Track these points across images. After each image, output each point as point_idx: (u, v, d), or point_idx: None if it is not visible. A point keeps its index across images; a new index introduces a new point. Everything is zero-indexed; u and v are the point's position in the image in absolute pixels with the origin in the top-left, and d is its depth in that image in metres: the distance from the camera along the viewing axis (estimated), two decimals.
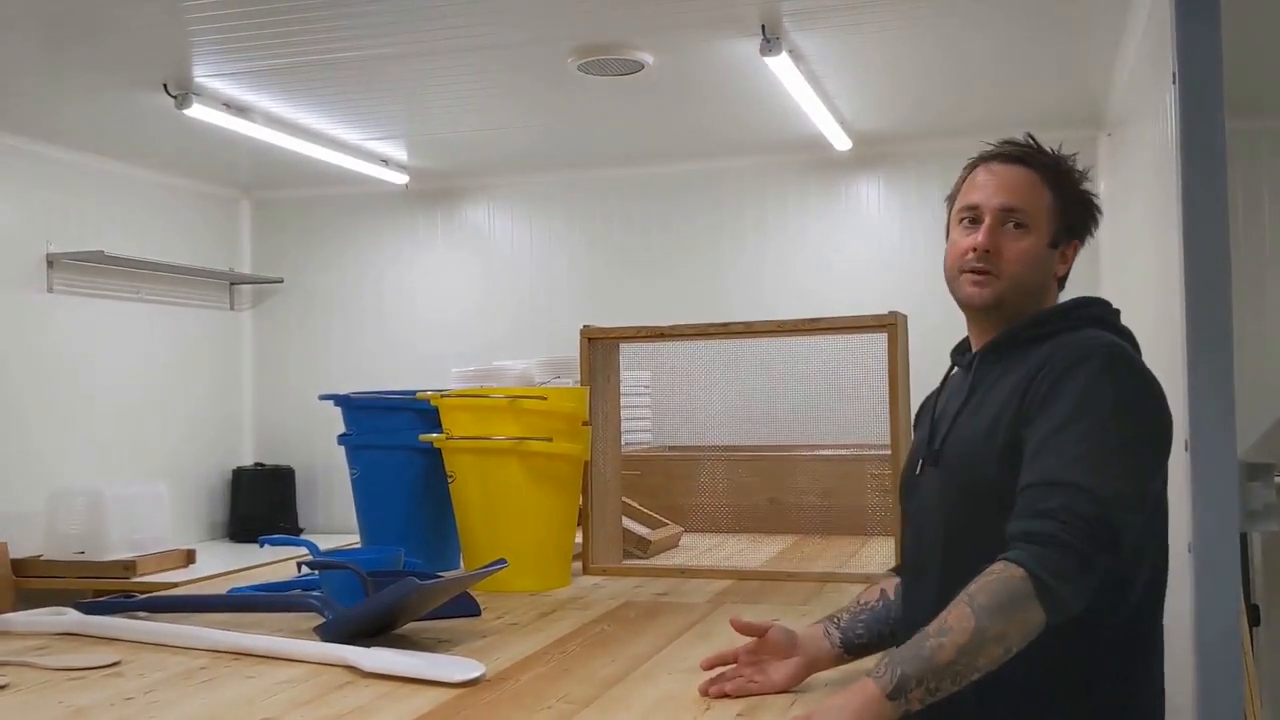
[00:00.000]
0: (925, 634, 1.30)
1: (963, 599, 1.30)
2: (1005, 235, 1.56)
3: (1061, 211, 1.57)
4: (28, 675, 1.72)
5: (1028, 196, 1.56)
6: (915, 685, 1.28)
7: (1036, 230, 1.56)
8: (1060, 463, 1.37)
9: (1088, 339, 1.49)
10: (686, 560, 2.84)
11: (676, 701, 1.55)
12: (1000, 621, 1.27)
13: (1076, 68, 3.46)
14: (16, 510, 3.91)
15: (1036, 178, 1.57)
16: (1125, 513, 1.35)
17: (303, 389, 4.80)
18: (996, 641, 1.28)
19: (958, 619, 1.29)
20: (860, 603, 1.68)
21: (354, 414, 2.74)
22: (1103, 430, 1.39)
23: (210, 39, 3.03)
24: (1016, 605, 1.28)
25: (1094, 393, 1.41)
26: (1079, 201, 1.60)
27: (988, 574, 1.31)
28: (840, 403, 3.83)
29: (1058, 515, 1.32)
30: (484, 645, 1.90)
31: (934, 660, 1.28)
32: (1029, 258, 1.56)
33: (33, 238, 4.05)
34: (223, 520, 4.88)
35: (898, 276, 4.31)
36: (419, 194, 4.91)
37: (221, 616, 2.08)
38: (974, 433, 1.52)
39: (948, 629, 1.29)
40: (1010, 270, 1.55)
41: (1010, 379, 1.51)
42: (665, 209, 4.64)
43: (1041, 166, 1.58)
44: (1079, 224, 1.61)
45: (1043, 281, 1.59)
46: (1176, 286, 2.25)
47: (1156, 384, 1.47)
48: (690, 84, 3.52)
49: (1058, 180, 1.58)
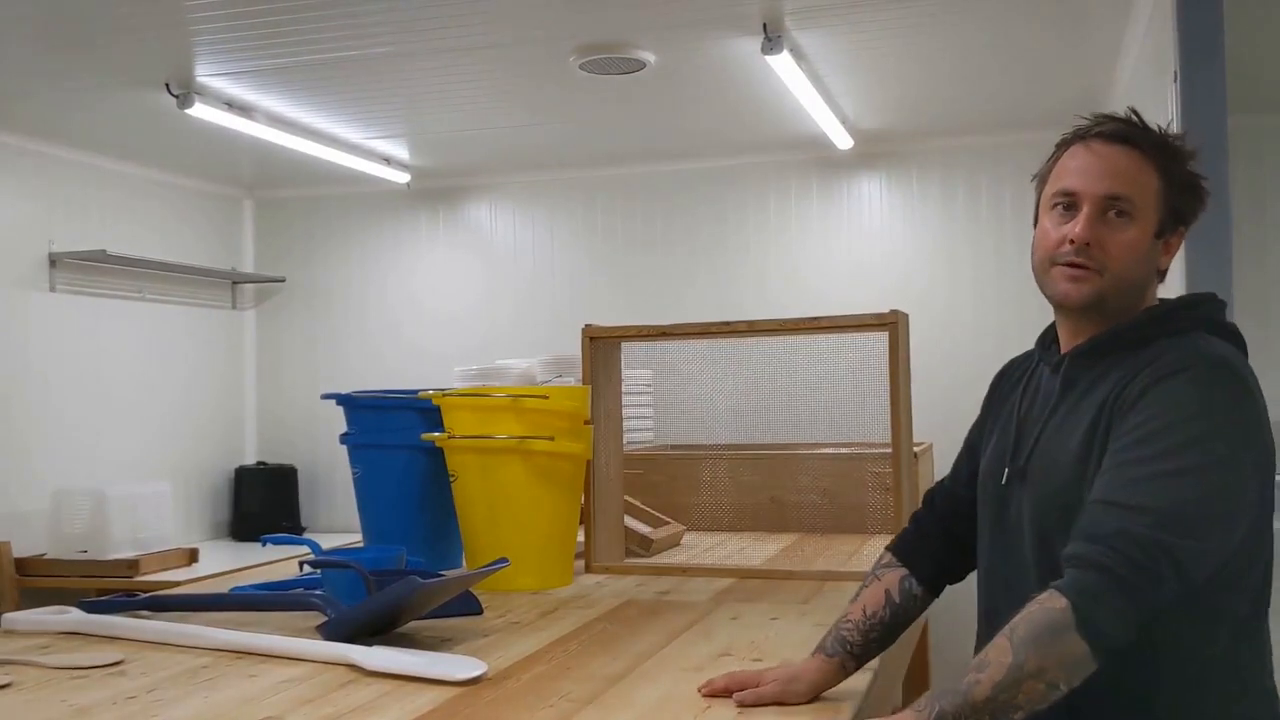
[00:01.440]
0: (967, 669, 1.23)
1: (1005, 632, 1.23)
2: (1107, 225, 1.38)
3: (1169, 197, 1.40)
4: (31, 674, 1.72)
5: (1133, 181, 1.38)
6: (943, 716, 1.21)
7: (1142, 219, 1.38)
8: (1129, 480, 1.26)
9: (1191, 347, 1.35)
10: (688, 559, 2.84)
11: (678, 700, 1.55)
12: (1037, 655, 1.20)
13: (1078, 65, 3.45)
14: (20, 509, 3.92)
15: (1143, 159, 1.39)
16: (1193, 539, 1.23)
17: (305, 388, 4.82)
18: (1035, 676, 1.20)
19: (996, 653, 1.22)
20: (867, 614, 1.56)
21: (356, 413, 2.74)
22: (1185, 448, 1.26)
23: (212, 38, 3.03)
24: (1055, 637, 1.20)
25: (1182, 405, 1.29)
26: (1188, 185, 1.41)
27: (1033, 603, 1.23)
28: (841, 401, 3.83)
29: (1110, 540, 1.22)
30: (486, 644, 1.90)
31: (970, 697, 1.21)
32: (1134, 251, 1.38)
33: (35, 237, 4.05)
34: (225, 519, 4.88)
35: (899, 275, 4.31)
36: (421, 193, 4.91)
37: (224, 615, 2.09)
38: (1064, 451, 1.39)
39: (986, 664, 1.22)
40: (1113, 265, 1.38)
41: (1103, 388, 1.38)
42: (667, 208, 4.64)
43: (1150, 146, 1.39)
44: (1187, 210, 1.42)
45: (1146, 276, 1.42)
46: (1180, 285, 2.25)
47: (1259, 399, 1.33)
48: (692, 83, 3.52)
49: (1166, 161, 1.40)
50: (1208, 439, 1.28)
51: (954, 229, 4.30)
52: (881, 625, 1.56)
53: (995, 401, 1.62)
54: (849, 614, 1.57)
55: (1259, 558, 1.37)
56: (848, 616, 1.57)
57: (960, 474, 1.64)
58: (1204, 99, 2.19)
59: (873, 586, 1.60)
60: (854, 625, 1.56)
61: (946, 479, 1.69)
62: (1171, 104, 2.32)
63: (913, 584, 1.59)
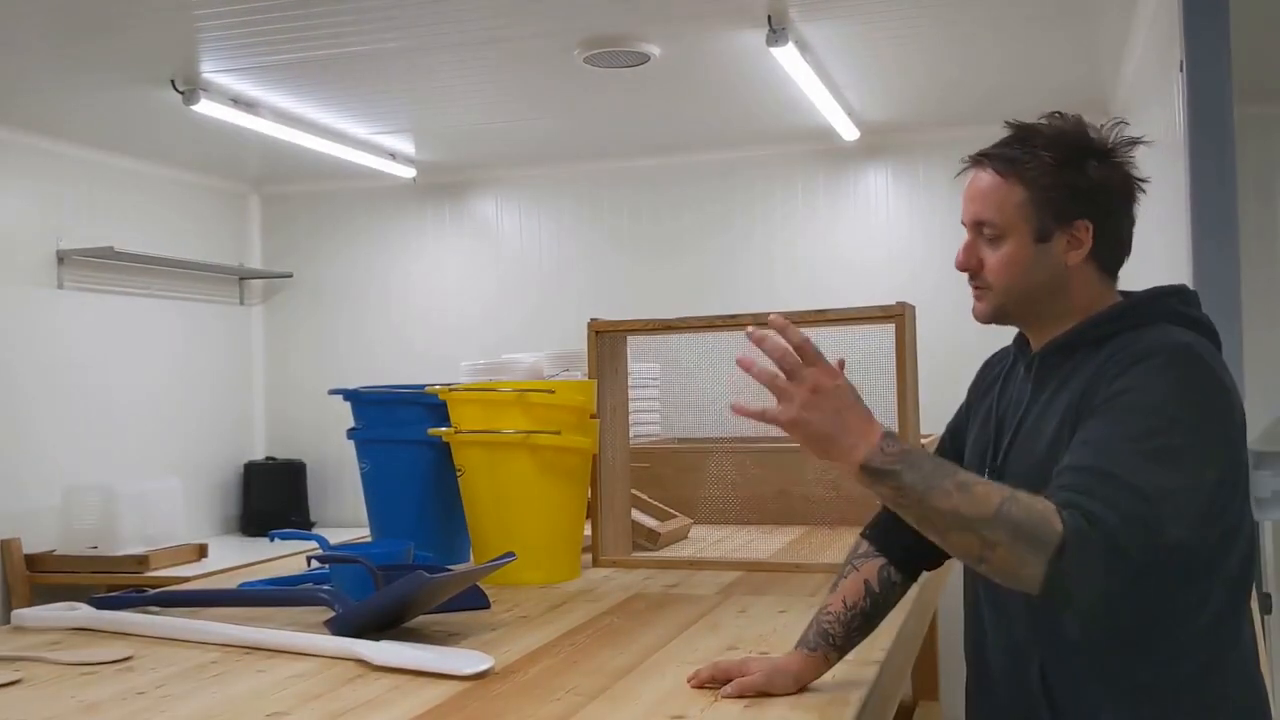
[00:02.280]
0: (952, 473, 1.25)
1: (1003, 490, 1.24)
2: (985, 246, 1.47)
3: (1040, 202, 1.43)
4: (40, 670, 1.73)
5: (993, 202, 1.45)
6: (894, 487, 1.26)
7: (1013, 233, 1.44)
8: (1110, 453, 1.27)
9: (1154, 338, 1.38)
10: (695, 552, 2.84)
11: (686, 693, 1.55)
12: (1004, 535, 1.21)
13: (1084, 55, 3.44)
14: (30, 506, 3.93)
15: (998, 177, 1.45)
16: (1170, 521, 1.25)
17: (313, 383, 4.81)
18: (982, 544, 1.22)
19: (982, 496, 1.23)
20: (847, 605, 1.57)
21: (363, 408, 2.75)
22: (1160, 429, 1.29)
23: (217, 34, 3.03)
24: (1028, 544, 1.20)
25: (1154, 389, 1.32)
26: (1064, 183, 1.43)
27: (1042, 504, 1.22)
28: None
29: (1117, 507, 1.22)
30: (493, 638, 1.90)
31: (930, 494, 1.24)
32: (1010, 265, 1.45)
33: (43, 234, 4.06)
34: (235, 514, 4.90)
35: (906, 266, 4.31)
36: (427, 187, 4.91)
37: (232, 611, 2.10)
38: (1037, 449, 1.42)
39: (968, 491, 1.23)
40: (996, 282, 1.47)
41: (1071, 386, 1.41)
42: (673, 201, 4.64)
43: (1003, 163, 1.45)
44: (1070, 206, 1.43)
45: (1046, 279, 1.45)
46: (1186, 275, 2.25)
47: (1226, 386, 1.35)
48: (697, 76, 3.51)
49: (1028, 170, 1.43)
50: (1180, 423, 1.30)
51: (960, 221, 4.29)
52: (862, 615, 1.58)
53: (978, 393, 1.65)
54: (829, 605, 1.58)
55: (1234, 547, 1.38)
56: (828, 608, 1.58)
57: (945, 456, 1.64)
58: (1211, 89, 2.18)
59: (851, 577, 1.61)
60: (835, 617, 1.57)
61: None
62: (1178, 94, 2.32)
63: (891, 572, 1.60)
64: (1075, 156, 1.45)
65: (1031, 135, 1.47)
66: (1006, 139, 1.49)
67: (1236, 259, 2.20)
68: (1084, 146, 1.46)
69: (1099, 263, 1.48)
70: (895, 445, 1.28)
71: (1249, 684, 1.42)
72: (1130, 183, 1.48)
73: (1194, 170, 2.21)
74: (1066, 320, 1.47)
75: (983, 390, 1.64)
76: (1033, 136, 1.47)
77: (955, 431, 1.68)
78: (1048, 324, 1.49)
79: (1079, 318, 1.46)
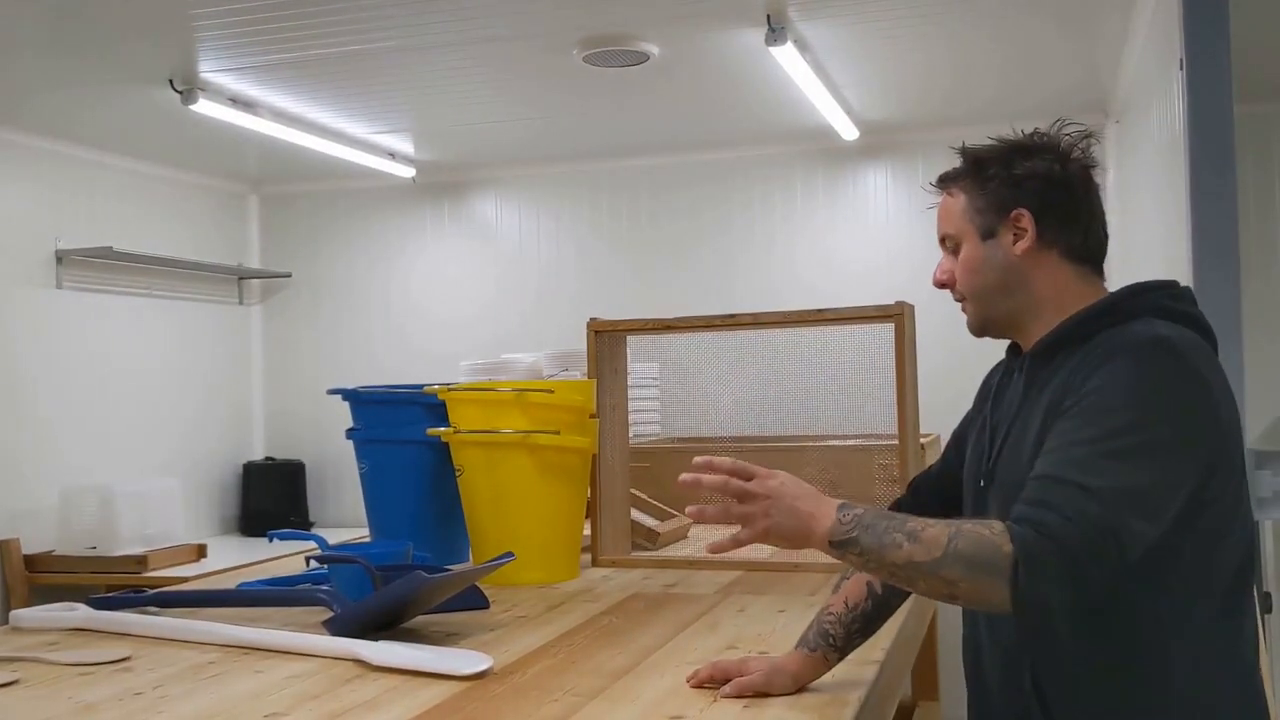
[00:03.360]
0: (902, 524, 1.30)
1: (950, 528, 1.27)
2: (952, 261, 1.55)
3: (976, 204, 1.51)
4: (38, 670, 1.73)
5: (947, 216, 1.55)
6: (858, 555, 1.31)
7: (965, 238, 1.52)
8: (1075, 457, 1.29)
9: (1129, 334, 1.38)
10: (695, 552, 2.84)
11: (685, 693, 1.55)
12: (960, 572, 1.25)
13: (1084, 54, 3.44)
14: (29, 506, 3.93)
15: (948, 194, 1.55)
16: (1138, 522, 1.26)
17: (312, 383, 4.80)
18: (945, 584, 1.26)
19: (931, 540, 1.27)
20: (849, 606, 1.58)
21: (362, 409, 2.75)
22: (1127, 430, 1.29)
23: (215, 34, 3.03)
24: (985, 573, 1.24)
25: (1122, 387, 1.32)
26: (989, 179, 1.50)
27: (986, 527, 1.26)
28: (848, 393, 3.82)
29: (1067, 514, 1.24)
30: (492, 638, 1.90)
31: (885, 551, 1.29)
32: (968, 269, 1.52)
33: (42, 234, 4.06)
34: (234, 514, 4.89)
35: (905, 266, 4.29)
36: (426, 187, 4.91)
37: (231, 611, 2.09)
38: (1023, 451, 1.42)
39: (917, 539, 1.27)
40: (965, 288, 1.53)
41: (1052, 386, 1.42)
42: (672, 200, 4.63)
43: (949, 180, 1.56)
44: (1003, 198, 1.49)
45: (1002, 276, 1.49)
46: (1186, 274, 2.24)
47: (1203, 378, 1.34)
48: (696, 75, 3.51)
49: (966, 179, 1.53)
50: (1146, 420, 1.31)
51: None
52: (864, 617, 1.59)
53: (979, 401, 1.67)
54: (830, 606, 1.60)
55: (1228, 546, 1.37)
56: (829, 609, 1.60)
57: (948, 466, 1.68)
58: (1210, 87, 2.17)
59: (854, 578, 1.61)
60: (836, 618, 1.58)
61: (935, 467, 1.73)
62: (1177, 92, 2.31)
63: None
64: (1001, 156, 1.52)
65: (969, 152, 1.56)
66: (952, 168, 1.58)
67: (1236, 257, 2.20)
68: (1011, 147, 1.53)
69: (1061, 251, 1.49)
70: (849, 512, 1.33)
71: (1247, 686, 1.41)
72: (1070, 169, 1.50)
73: (1193, 168, 2.20)
74: (1048, 319, 1.48)
75: (982, 398, 1.66)
76: (970, 153, 1.56)
77: (959, 438, 1.69)
78: (1030, 326, 1.50)
79: (1060, 315, 1.47)
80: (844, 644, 1.58)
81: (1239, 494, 1.38)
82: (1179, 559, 1.33)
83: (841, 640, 1.57)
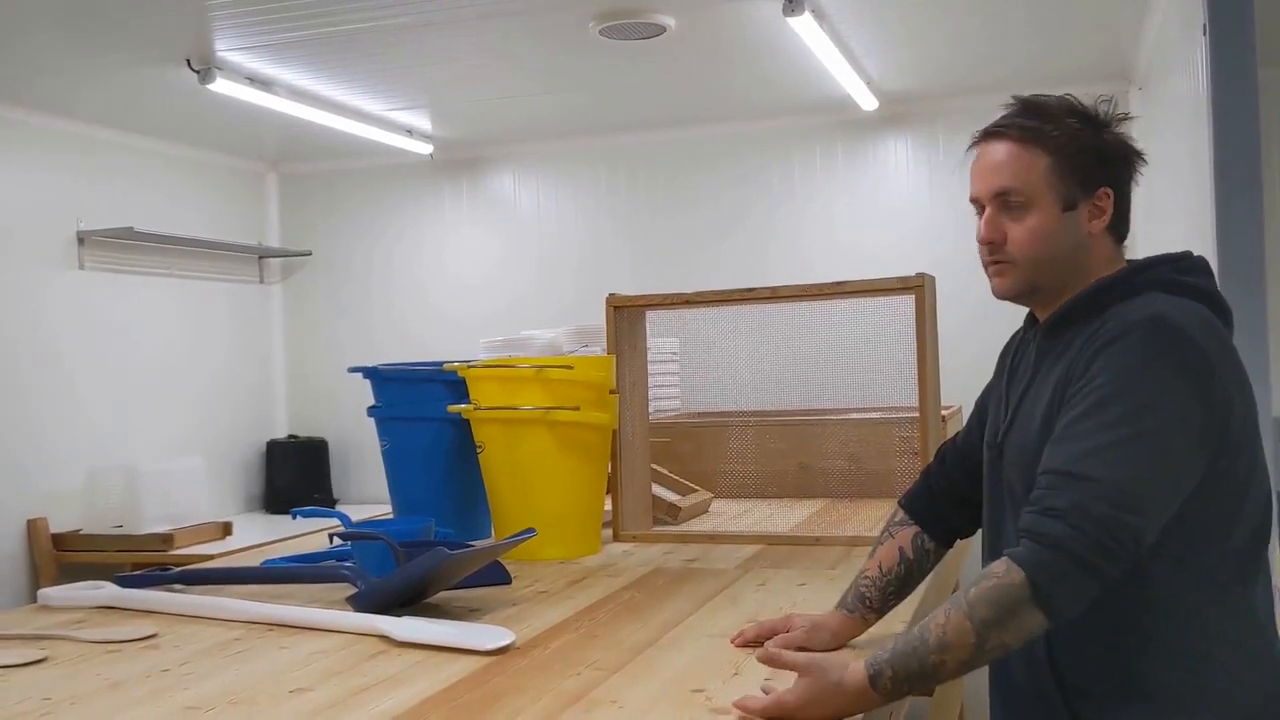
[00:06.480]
0: (925, 644, 1.28)
1: (963, 608, 1.27)
2: (1009, 219, 1.45)
3: (1065, 170, 1.42)
4: (66, 648, 1.75)
5: (1017, 170, 1.43)
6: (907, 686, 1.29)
7: (1039, 202, 1.43)
8: (1079, 451, 1.29)
9: (1136, 310, 1.36)
10: (716, 526, 2.84)
11: (705, 667, 1.56)
12: (999, 632, 1.26)
13: (1106, 20, 3.39)
14: (56, 486, 3.97)
15: (1021, 147, 1.44)
16: (1145, 509, 1.27)
17: (334, 361, 4.83)
18: (997, 647, 1.27)
19: (957, 633, 1.27)
20: (883, 570, 1.65)
21: (382, 386, 2.75)
22: (1129, 417, 1.29)
23: (231, 13, 3.03)
24: (1015, 614, 1.25)
25: (1124, 372, 1.31)
26: (1084, 149, 1.43)
27: (989, 577, 1.27)
28: (868, 366, 3.80)
29: (1067, 516, 1.25)
30: (514, 613, 1.91)
31: (932, 672, 1.28)
32: (1037, 235, 1.43)
33: (63, 215, 4.08)
34: (258, 493, 4.93)
35: (926, 237, 4.27)
36: (444, 164, 4.90)
37: (256, 588, 2.11)
38: (1032, 424, 1.43)
39: (948, 645, 1.27)
40: (1022, 254, 1.44)
41: (1062, 361, 1.41)
42: (690, 173, 4.61)
43: (1026, 132, 1.44)
44: (1095, 173, 1.43)
45: (1071, 250, 1.44)
46: (1210, 243, 2.22)
47: (1202, 354, 1.33)
48: (713, 47, 3.48)
49: (1051, 138, 1.43)
50: (1147, 404, 1.30)
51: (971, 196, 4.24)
52: (897, 580, 1.66)
53: (998, 371, 1.66)
54: (866, 570, 1.67)
55: (1244, 513, 1.38)
56: (865, 573, 1.67)
57: (971, 435, 1.68)
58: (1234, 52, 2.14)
59: (887, 544, 1.69)
60: (871, 582, 1.65)
61: (960, 435, 1.73)
62: (1201, 58, 2.28)
63: (924, 539, 1.68)
64: (1093, 124, 1.46)
65: (1042, 106, 1.47)
66: (1016, 111, 1.48)
67: (1261, 224, 2.17)
68: (1097, 115, 1.47)
69: (1114, 234, 1.48)
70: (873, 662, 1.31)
71: (1263, 649, 1.41)
72: (1135, 155, 1.49)
73: (1217, 135, 2.18)
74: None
75: (1000, 371, 1.65)
76: (1044, 107, 1.47)
77: (981, 409, 1.68)
78: (1064, 297, 1.47)
79: None
80: (880, 605, 1.65)
81: (1253, 462, 1.38)
82: (1195, 529, 1.34)
83: (878, 602, 1.65)
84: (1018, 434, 1.47)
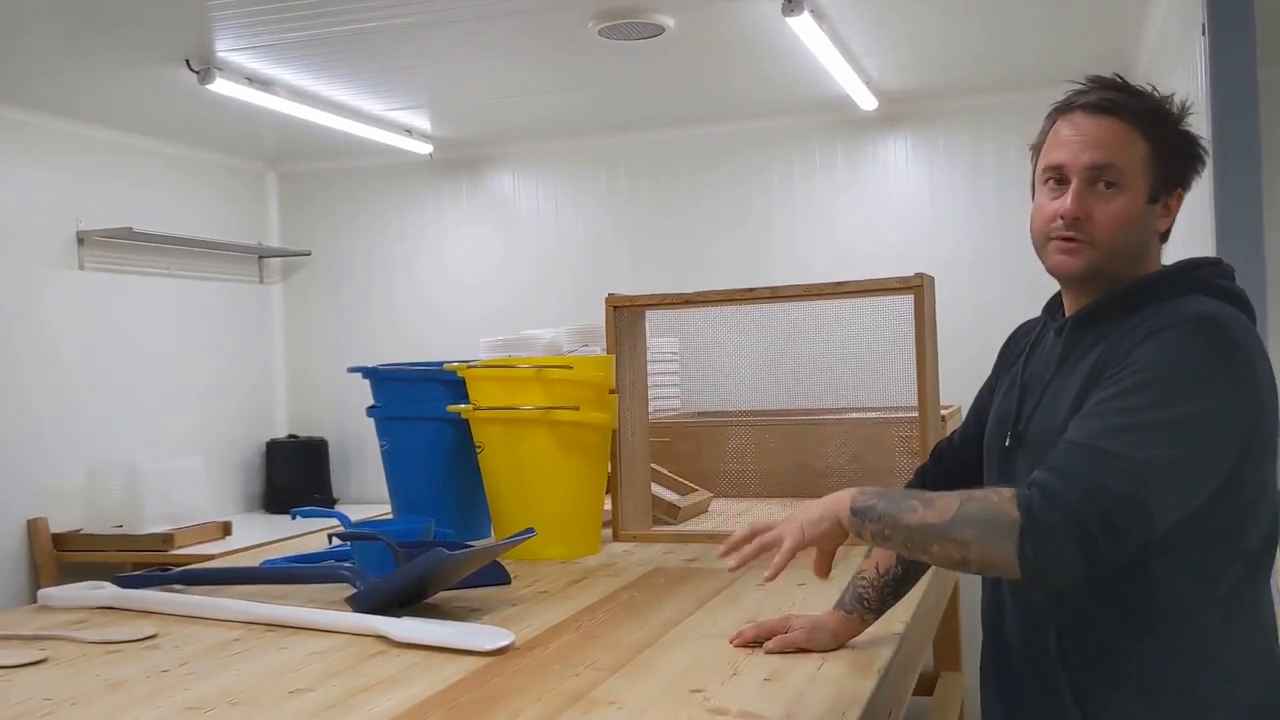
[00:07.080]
0: (919, 494, 1.33)
1: (962, 494, 1.28)
2: (1095, 197, 1.38)
3: (1159, 161, 1.39)
4: (66, 649, 1.75)
5: (1118, 150, 1.38)
6: (876, 521, 1.33)
7: (1131, 187, 1.38)
8: (1107, 428, 1.26)
9: (1182, 307, 1.34)
10: (716, 526, 2.84)
11: (705, 666, 1.56)
12: (970, 533, 1.25)
13: (1105, 18, 3.39)
14: (56, 485, 3.96)
15: (1127, 127, 1.38)
16: (1165, 493, 1.24)
17: (334, 361, 4.83)
18: (956, 545, 1.26)
19: (943, 505, 1.28)
20: (880, 570, 1.65)
21: (382, 386, 2.76)
22: (1165, 402, 1.26)
23: (230, 13, 3.02)
24: (994, 537, 1.23)
25: (1165, 360, 1.29)
26: (1179, 146, 1.41)
27: (996, 494, 1.26)
28: (867, 366, 3.81)
29: (1086, 486, 1.21)
30: (514, 613, 1.91)
31: (901, 515, 1.31)
32: (1124, 220, 1.38)
33: (63, 216, 4.08)
34: (258, 492, 4.93)
35: (925, 236, 4.27)
36: (444, 163, 4.90)
37: (255, 588, 2.11)
38: (1058, 416, 1.39)
39: (931, 505, 1.29)
40: (1104, 236, 1.39)
41: (1094, 354, 1.39)
42: (690, 173, 4.61)
43: (1133, 114, 1.39)
44: (1181, 172, 1.42)
45: (1140, 243, 1.42)
46: (1209, 242, 2.22)
47: (1248, 353, 1.31)
48: (712, 46, 3.48)
49: (1153, 125, 1.39)
50: (1188, 394, 1.28)
51: (981, 189, 4.25)
52: (895, 580, 1.66)
53: (1003, 364, 1.64)
54: (864, 570, 1.67)
55: (1258, 515, 1.36)
56: (863, 573, 1.67)
57: (969, 435, 1.67)
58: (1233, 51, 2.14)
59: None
60: (869, 582, 1.66)
61: (955, 435, 1.72)
62: (1200, 57, 2.28)
63: None
64: (1185, 126, 1.43)
65: (1145, 93, 1.42)
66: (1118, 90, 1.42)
67: (1261, 224, 2.17)
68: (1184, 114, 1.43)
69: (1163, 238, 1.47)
70: (868, 490, 1.37)
71: (1265, 657, 1.40)
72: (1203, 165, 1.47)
73: (1217, 134, 2.18)
74: None
75: (1010, 360, 1.62)
76: (1147, 94, 1.42)
77: (979, 409, 1.67)
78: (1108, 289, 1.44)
79: None
80: (878, 605, 1.66)
81: (1272, 469, 1.37)
82: (1207, 529, 1.32)
83: (875, 603, 1.66)
84: (1041, 424, 1.44)
